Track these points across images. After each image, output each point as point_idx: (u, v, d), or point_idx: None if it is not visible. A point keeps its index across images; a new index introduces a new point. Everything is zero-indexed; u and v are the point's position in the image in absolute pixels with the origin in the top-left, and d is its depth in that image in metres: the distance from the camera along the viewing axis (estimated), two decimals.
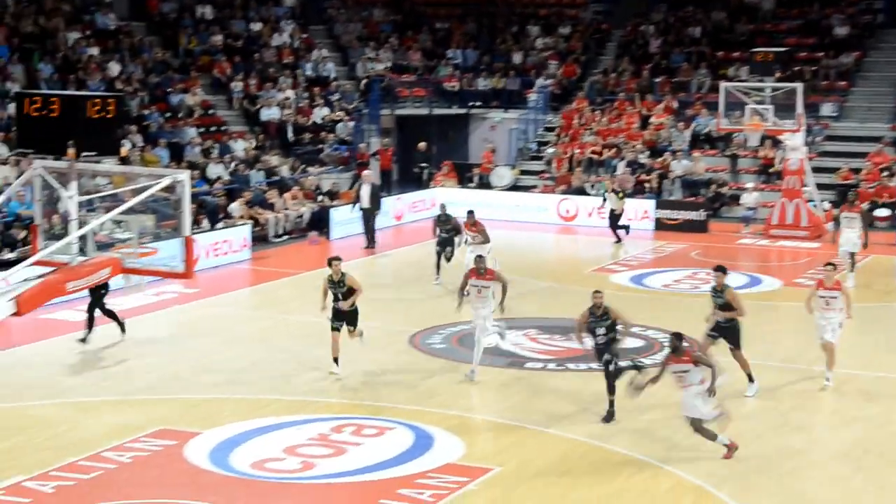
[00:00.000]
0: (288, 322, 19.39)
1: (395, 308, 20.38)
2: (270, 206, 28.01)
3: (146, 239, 11.56)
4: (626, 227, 28.07)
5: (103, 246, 11.65)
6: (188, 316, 20.17)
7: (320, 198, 29.67)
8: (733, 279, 24.16)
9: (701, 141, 33.72)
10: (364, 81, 36.62)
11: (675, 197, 31.36)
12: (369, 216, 26.80)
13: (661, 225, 29.86)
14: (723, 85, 30.14)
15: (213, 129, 31.34)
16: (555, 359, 17.68)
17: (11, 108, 25.98)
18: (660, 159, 32.77)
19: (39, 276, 10.35)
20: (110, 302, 17.90)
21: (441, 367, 17.06)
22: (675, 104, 35.12)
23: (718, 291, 15.51)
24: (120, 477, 12.54)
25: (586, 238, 29.30)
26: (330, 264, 16.19)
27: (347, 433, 14.04)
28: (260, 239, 26.79)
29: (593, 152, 33.61)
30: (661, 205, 30.38)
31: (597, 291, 14.88)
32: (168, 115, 30.47)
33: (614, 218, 27.82)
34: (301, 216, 28.46)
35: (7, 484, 12.22)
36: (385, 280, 24.02)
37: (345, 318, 16.11)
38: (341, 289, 16.02)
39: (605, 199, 28.21)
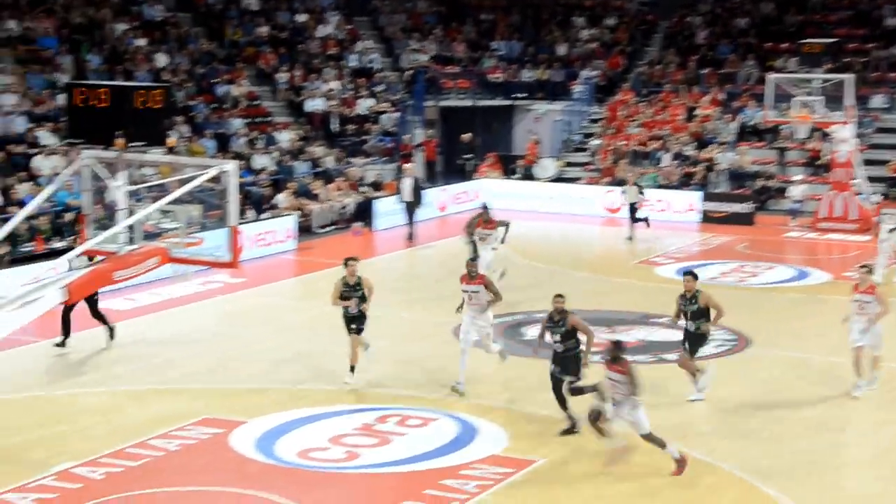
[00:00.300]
0: (332, 312, 19.44)
1: (438, 299, 20.36)
2: (315, 197, 28.12)
3: (193, 229, 11.62)
4: (646, 220, 27.48)
5: (150, 235, 11.73)
6: (233, 306, 20.30)
7: (364, 189, 29.74)
8: (781, 272, 24.03)
9: (748, 133, 33.42)
10: (408, 73, 36.63)
11: (721, 189, 31.12)
12: (411, 209, 26.78)
13: (707, 217, 29.65)
14: (771, 76, 29.86)
15: (258, 119, 31.51)
16: (599, 351, 17.56)
17: (61, 98, 26.30)
18: (706, 151, 32.52)
19: (88, 265, 10.44)
20: (157, 291, 18.05)
21: (484, 358, 17.03)
22: (721, 96, 34.84)
23: (689, 297, 14.79)
24: (168, 464, 12.65)
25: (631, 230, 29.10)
26: (346, 264, 15.18)
27: (392, 423, 14.07)
28: (304, 229, 26.91)
29: (638, 144, 33.42)
30: (707, 197, 30.17)
31: (558, 295, 13.82)
32: (214, 105, 30.66)
33: (633, 211, 27.32)
34: (345, 207, 28.55)
35: (57, 470, 12.37)
36: (427, 271, 24.04)
37: (352, 323, 15.21)
38: (357, 292, 15.10)
39: (624, 192, 27.71)
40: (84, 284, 10.14)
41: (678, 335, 18.54)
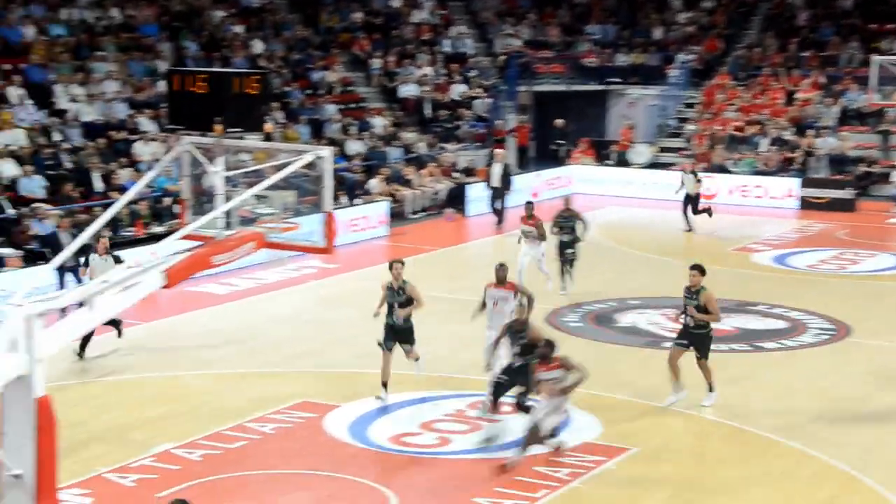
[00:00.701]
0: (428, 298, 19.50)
1: (529, 285, 20.24)
2: (408, 183, 28.22)
3: (287, 214, 11.71)
4: (709, 210, 26.07)
5: (246, 221, 11.86)
6: (327, 291, 20.48)
7: (457, 175, 29.75)
8: (882, 260, 23.44)
9: (850, 117, 32.64)
10: (502, 58, 36.51)
11: (821, 175, 30.46)
12: (499, 195, 26.60)
13: (806, 204, 29.09)
14: (875, 58, 29.09)
15: (352, 105, 31.72)
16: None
17: (161, 85, 26.79)
18: (806, 136, 31.84)
19: (187, 250, 10.59)
20: (253, 276, 18.27)
21: (577, 346, 16.93)
22: (822, 79, 34.05)
23: (693, 292, 13.87)
24: (263, 447, 12.83)
25: (727, 217, 28.68)
26: (391, 268, 14.16)
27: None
28: (397, 215, 27.03)
29: (735, 129, 32.86)
30: (806, 183, 29.58)
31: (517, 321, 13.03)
32: (308, 91, 30.94)
33: (689, 201, 25.90)
34: (437, 193, 28.60)
35: (157, 451, 12.63)
36: (512, 257, 23.87)
37: (399, 335, 14.05)
38: (399, 297, 13.95)
39: (682, 183, 26.19)
40: (182, 269, 10.26)
41: (775, 324, 18.27)
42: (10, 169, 22.36)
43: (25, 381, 8.93)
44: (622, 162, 32.89)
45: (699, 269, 14.04)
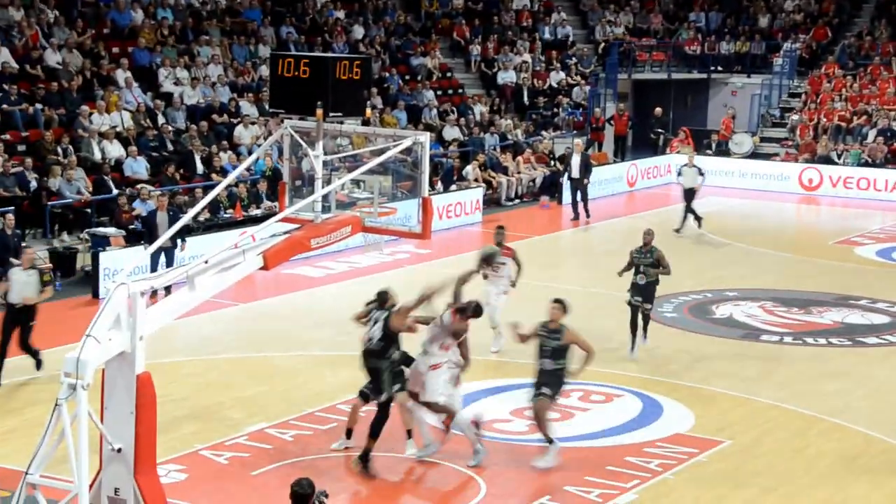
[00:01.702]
0: (518, 286, 19.46)
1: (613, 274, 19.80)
2: (504, 170, 28.18)
3: (383, 199, 11.79)
4: (699, 219, 23.87)
5: (342, 205, 11.97)
6: (421, 276, 20.54)
7: (553, 162, 29.61)
8: None
9: None
10: (602, 45, 36.21)
11: None
12: (578, 186, 25.57)
13: None
14: None
15: (450, 91, 31.75)
16: (791, 332, 17.09)
17: (262, 70, 27.15)
18: None
19: (285, 233, 10.74)
20: (349, 260, 18.35)
21: (671, 336, 16.77)
22: None
23: (552, 330, 11.87)
24: (355, 429, 12.93)
25: (829, 209, 28.12)
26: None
27: (575, 398, 14.01)
28: (492, 202, 27.01)
29: (841, 119, 32.11)
30: None
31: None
32: (407, 77, 31.06)
33: (689, 196, 23.97)
34: (533, 180, 28.51)
35: (252, 430, 12.85)
36: (605, 246, 23.64)
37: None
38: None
39: (680, 174, 24.57)
40: (280, 251, 10.42)
41: (878, 318, 17.84)
42: (115, 150, 22.91)
43: (127, 358, 9.16)
44: (723, 151, 32.38)
45: (561, 305, 11.94)
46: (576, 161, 25.60)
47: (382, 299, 12.18)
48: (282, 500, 11.05)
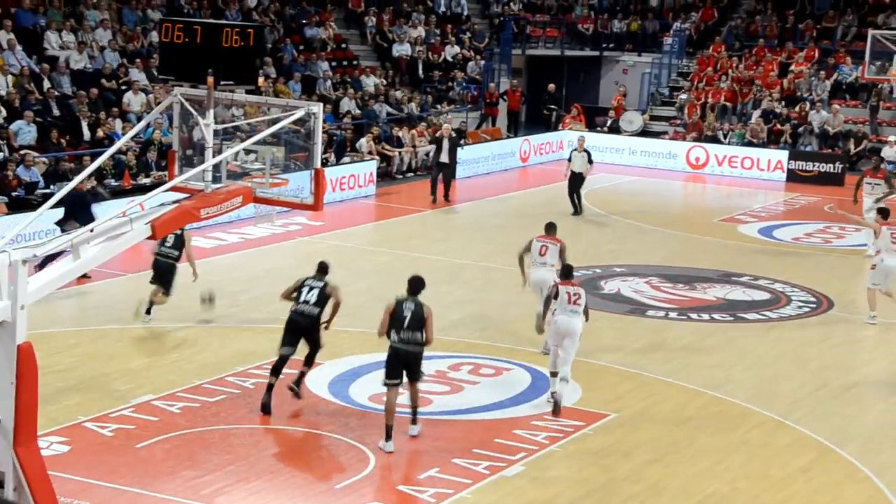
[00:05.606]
0: (410, 259, 19.53)
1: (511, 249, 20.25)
2: (398, 143, 28.14)
3: (276, 171, 11.67)
4: (578, 206, 23.79)
5: (234, 175, 11.82)
6: (312, 248, 20.45)
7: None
8: (868, 235, 23.45)
9: (842, 91, 32.62)
10: (497, 20, 36.31)
11: (810, 148, 30.49)
12: (444, 170, 24.82)
13: (793, 176, 29.15)
14: (871, 32, 29.09)
15: (345, 63, 31.54)
16: (677, 308, 17.47)
17: (152, 35, 26.57)
18: (796, 109, 31.83)
19: (175, 202, 10.56)
20: (238, 231, 18.19)
21: None
22: (816, 52, 34.00)
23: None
24: (242, 402, 12.86)
25: (715, 187, 28.76)
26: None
27: (465, 371, 14.13)
28: (385, 175, 26.97)
29: (727, 99, 32.82)
30: (794, 156, 29.63)
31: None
32: (302, 47, 30.75)
33: (576, 180, 23.81)
34: (428, 154, 28.53)
35: (138, 402, 12.67)
36: (505, 221, 23.81)
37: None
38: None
39: (570, 159, 24.20)
40: (169, 221, 10.25)
41: (759, 295, 18.34)
42: None
43: (8, 327, 8.93)
44: (613, 129, 32.84)
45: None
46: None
47: (322, 269, 13.16)
48: (167, 473, 10.96)
